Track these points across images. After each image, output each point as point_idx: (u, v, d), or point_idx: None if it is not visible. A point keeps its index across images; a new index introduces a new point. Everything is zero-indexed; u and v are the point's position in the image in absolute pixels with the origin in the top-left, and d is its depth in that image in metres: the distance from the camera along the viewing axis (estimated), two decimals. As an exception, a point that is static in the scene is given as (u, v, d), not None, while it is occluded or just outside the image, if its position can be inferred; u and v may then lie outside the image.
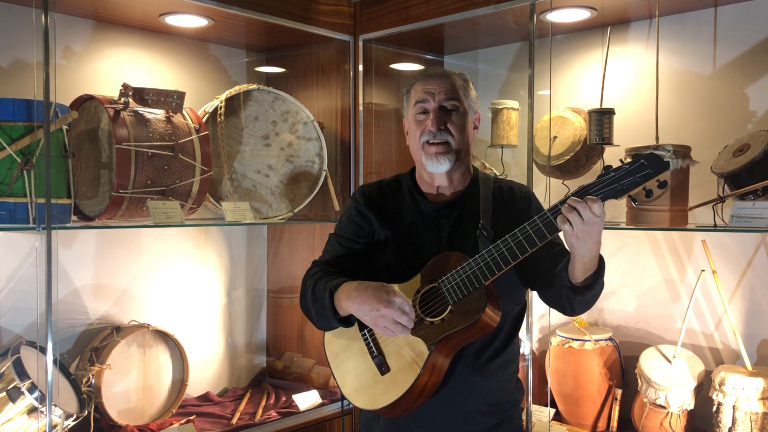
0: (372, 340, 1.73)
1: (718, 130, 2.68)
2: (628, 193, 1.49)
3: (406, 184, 1.90)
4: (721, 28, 2.69)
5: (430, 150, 1.77)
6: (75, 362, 2.78)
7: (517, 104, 3.06)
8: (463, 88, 1.82)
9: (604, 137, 2.63)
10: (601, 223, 1.48)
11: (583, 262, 1.55)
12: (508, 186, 1.88)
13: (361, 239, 1.86)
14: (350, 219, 1.89)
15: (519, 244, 1.57)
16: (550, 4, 2.62)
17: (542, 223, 1.54)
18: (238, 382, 3.47)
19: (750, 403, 2.36)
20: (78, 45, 2.85)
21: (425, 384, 1.65)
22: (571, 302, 1.65)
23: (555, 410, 2.87)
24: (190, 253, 3.28)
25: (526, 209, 1.83)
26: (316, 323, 1.81)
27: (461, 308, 1.63)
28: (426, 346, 1.63)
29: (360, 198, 1.90)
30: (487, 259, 1.60)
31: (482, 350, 1.75)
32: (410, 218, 1.83)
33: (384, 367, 1.69)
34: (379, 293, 1.59)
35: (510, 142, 3.06)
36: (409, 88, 1.87)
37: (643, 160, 1.47)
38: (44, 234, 2.16)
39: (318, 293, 1.74)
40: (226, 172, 2.96)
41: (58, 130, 2.29)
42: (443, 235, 1.79)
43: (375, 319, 1.59)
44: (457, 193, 1.85)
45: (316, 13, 3.05)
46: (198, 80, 3.26)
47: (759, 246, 2.62)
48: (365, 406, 1.72)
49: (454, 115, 1.79)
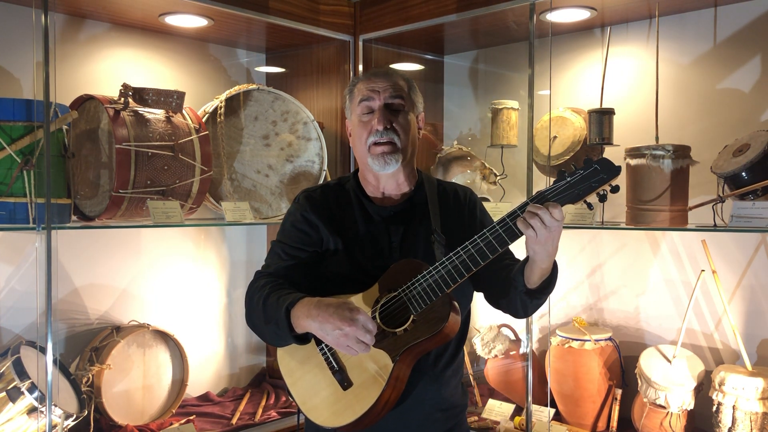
0: (331, 354, 1.66)
1: (718, 130, 2.68)
2: (583, 198, 1.51)
3: (350, 187, 1.84)
4: (721, 28, 2.69)
5: (377, 150, 1.72)
6: (75, 362, 2.78)
7: (517, 104, 3.07)
8: (407, 87, 1.80)
9: (604, 137, 2.63)
10: (560, 228, 1.50)
11: (542, 268, 1.57)
12: (452, 188, 1.86)
13: (309, 247, 1.76)
14: (295, 226, 1.79)
15: (480, 251, 1.56)
16: (550, 4, 2.62)
17: (502, 229, 1.54)
18: (238, 382, 3.47)
19: (750, 403, 2.36)
20: (78, 45, 2.85)
21: (389, 397, 1.60)
22: (526, 306, 1.66)
23: (555, 410, 2.87)
24: (190, 253, 3.28)
25: (472, 213, 1.82)
26: (268, 340, 1.74)
27: (425, 317, 1.59)
28: (390, 358, 1.59)
29: (305, 203, 1.80)
30: (449, 266, 1.58)
31: (438, 358, 1.73)
32: (359, 224, 1.77)
33: (346, 383, 1.63)
34: (342, 312, 1.52)
35: (510, 142, 3.06)
36: (352, 87, 1.82)
37: (596, 165, 1.49)
38: (44, 234, 2.16)
39: (270, 310, 1.64)
40: (226, 172, 2.96)
41: (58, 130, 2.29)
42: (394, 240, 1.74)
43: (338, 338, 1.52)
44: (404, 196, 1.81)
45: (316, 13, 3.05)
46: (198, 80, 3.26)
47: (759, 246, 2.62)
48: (327, 423, 1.64)
49: (400, 115, 1.75)
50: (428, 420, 1.74)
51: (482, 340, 3.05)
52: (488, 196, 3.09)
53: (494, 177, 3.08)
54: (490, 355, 3.03)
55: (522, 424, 2.79)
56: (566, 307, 3.15)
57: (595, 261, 3.06)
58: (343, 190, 1.85)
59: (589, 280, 3.08)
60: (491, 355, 3.03)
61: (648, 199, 2.47)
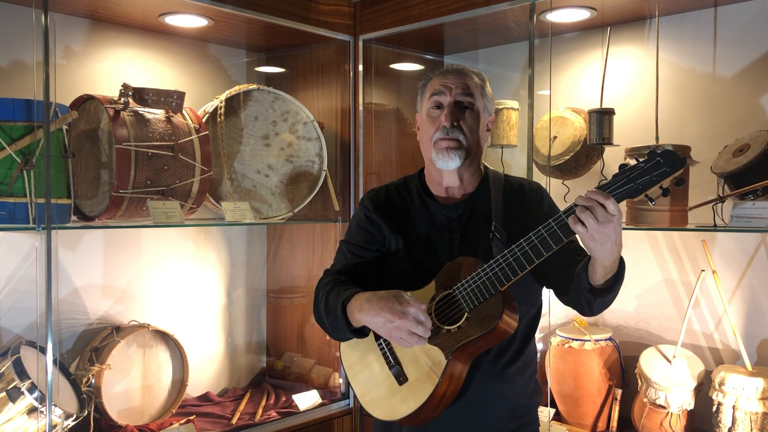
0: (388, 349, 1.70)
1: (718, 130, 2.68)
2: (644, 192, 1.43)
3: (414, 186, 1.86)
4: (721, 28, 2.69)
5: (441, 144, 1.72)
6: (75, 362, 2.78)
7: (517, 104, 3.06)
8: (479, 87, 1.79)
9: (604, 137, 2.63)
10: (617, 223, 1.42)
11: (604, 266, 1.50)
12: (518, 183, 1.84)
13: (372, 246, 1.81)
14: (360, 226, 1.84)
15: (534, 248, 1.52)
16: (550, 4, 2.62)
17: (557, 225, 1.49)
18: (238, 382, 3.47)
19: (750, 403, 2.36)
20: (78, 45, 2.85)
21: (444, 393, 1.61)
22: (591, 304, 1.61)
23: (555, 410, 2.87)
24: (190, 253, 3.28)
25: (538, 206, 1.79)
26: (331, 334, 1.77)
27: (478, 315, 1.59)
28: (443, 355, 1.59)
29: (369, 204, 1.85)
30: (503, 264, 1.56)
31: (500, 356, 1.71)
32: (421, 222, 1.79)
33: (401, 377, 1.66)
34: (392, 304, 1.54)
35: (510, 142, 3.06)
36: (426, 82, 1.83)
37: (659, 158, 1.41)
38: (44, 234, 2.16)
39: (331, 305, 1.70)
40: (226, 172, 2.96)
41: (58, 130, 2.29)
42: (455, 238, 1.75)
43: (390, 330, 1.55)
44: (467, 194, 1.81)
45: (316, 13, 3.05)
46: (198, 80, 3.26)
47: (759, 246, 2.62)
48: (384, 416, 1.68)
49: (468, 113, 1.75)
50: (493, 417, 1.72)
51: (482, 340, 3.04)
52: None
53: (494, 177, 3.08)
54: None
55: (522, 424, 2.79)
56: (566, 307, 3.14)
57: (595, 261, 3.05)
58: (407, 189, 1.87)
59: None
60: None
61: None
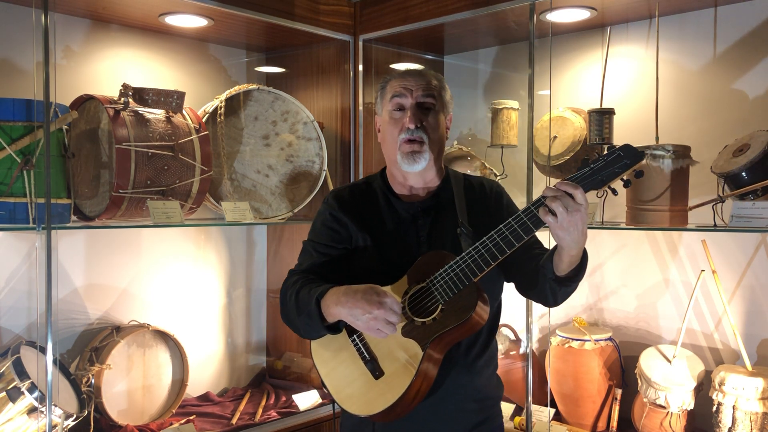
0: (363, 345, 1.71)
1: (718, 130, 2.68)
2: (607, 183, 1.53)
3: (377, 185, 1.89)
4: (721, 28, 2.69)
5: (406, 148, 1.76)
6: (75, 362, 2.78)
7: (517, 104, 3.06)
8: (439, 88, 1.83)
9: (604, 137, 2.63)
10: (584, 212, 1.50)
11: (570, 255, 1.57)
12: (478, 182, 1.90)
13: (339, 245, 1.83)
14: (325, 224, 1.86)
15: (505, 239, 1.59)
16: (550, 4, 2.62)
17: (527, 216, 1.57)
18: (238, 382, 3.47)
19: (750, 403, 2.36)
20: (78, 45, 2.85)
21: (420, 385, 1.64)
22: (555, 294, 1.68)
23: (555, 410, 2.87)
24: (190, 253, 3.28)
25: (498, 204, 1.86)
26: (302, 333, 1.78)
27: (452, 306, 1.64)
28: (420, 347, 1.63)
29: (334, 202, 1.87)
30: (475, 255, 1.61)
31: (470, 348, 1.77)
32: (387, 220, 1.82)
33: (377, 372, 1.68)
34: (369, 296, 1.58)
35: (510, 142, 3.06)
36: (385, 84, 1.85)
37: (620, 152, 1.51)
38: (44, 234, 2.16)
39: (302, 302, 1.71)
40: (226, 172, 2.96)
41: (58, 130, 2.29)
42: (422, 235, 1.79)
43: (368, 321, 1.58)
44: (430, 191, 1.85)
45: (316, 13, 3.05)
46: (198, 80, 3.26)
47: (759, 246, 2.62)
48: (360, 412, 1.69)
49: (430, 114, 1.79)
50: (462, 410, 1.77)
51: (482, 340, 3.05)
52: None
53: (494, 177, 3.08)
54: (490, 355, 3.03)
55: (522, 424, 2.79)
56: (566, 307, 3.15)
57: (595, 261, 3.06)
58: (370, 188, 1.90)
59: (589, 280, 3.08)
60: (491, 355, 3.03)
61: (648, 199, 2.47)
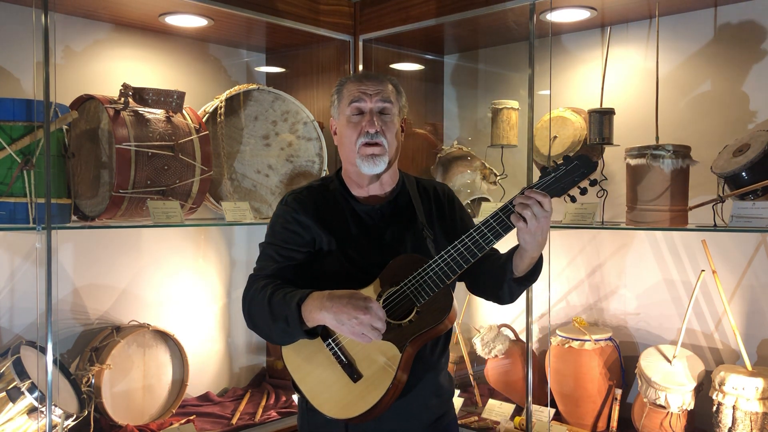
0: (339, 348, 1.71)
1: (718, 130, 2.68)
2: (567, 191, 1.64)
3: (335, 187, 1.88)
4: (721, 28, 2.69)
5: (366, 151, 1.78)
6: (75, 362, 2.78)
7: (517, 104, 3.06)
8: (395, 92, 1.85)
9: (604, 137, 2.64)
10: (549, 219, 1.61)
11: (532, 257, 1.68)
12: (431, 185, 1.95)
13: (302, 248, 1.79)
14: (286, 227, 1.81)
15: (476, 243, 1.66)
16: (550, 4, 2.62)
17: (495, 222, 1.65)
18: (238, 382, 3.47)
19: (750, 403, 2.36)
20: (78, 45, 2.85)
21: (398, 386, 1.68)
22: (513, 292, 1.78)
23: (555, 410, 2.87)
24: (190, 253, 3.28)
25: (451, 207, 1.92)
26: (275, 339, 1.75)
27: (428, 309, 1.68)
28: (397, 349, 1.66)
29: (295, 204, 1.83)
30: (448, 259, 1.67)
31: (434, 346, 1.83)
32: (350, 223, 1.82)
33: (356, 375, 1.69)
34: (355, 301, 1.59)
35: (510, 142, 3.06)
36: (341, 88, 1.86)
37: (576, 162, 1.62)
38: (44, 234, 2.16)
39: (277, 308, 1.67)
40: (226, 172, 2.96)
41: (58, 130, 2.29)
42: (386, 237, 1.81)
43: (353, 327, 1.58)
44: (388, 194, 1.87)
45: (316, 13, 3.05)
46: (198, 80, 3.26)
47: (759, 246, 2.62)
48: (339, 415, 1.69)
49: (387, 118, 1.81)
50: (425, 406, 1.82)
51: (482, 341, 3.05)
52: (488, 196, 3.09)
53: (494, 177, 3.08)
54: (490, 355, 3.03)
55: (522, 424, 2.79)
56: (566, 307, 3.15)
57: (595, 261, 3.06)
58: (327, 190, 1.88)
59: (589, 280, 3.08)
60: (491, 355, 3.03)
61: (648, 199, 2.47)
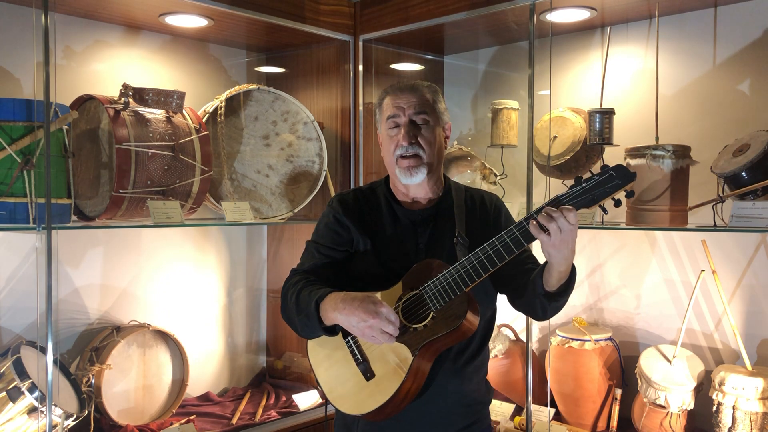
0: (356, 347, 1.77)
1: (718, 130, 2.68)
2: (598, 203, 1.56)
3: (381, 192, 1.94)
4: (721, 28, 2.69)
5: (403, 164, 1.82)
6: (75, 362, 2.78)
7: (517, 104, 3.06)
8: (431, 101, 1.87)
9: (604, 137, 2.63)
10: (575, 232, 1.55)
11: (559, 271, 1.62)
12: (479, 195, 1.96)
13: (341, 247, 1.88)
14: (328, 227, 1.90)
15: (497, 252, 1.63)
16: (550, 4, 2.62)
17: (519, 231, 1.61)
18: (238, 382, 3.47)
19: (750, 403, 2.36)
20: (78, 45, 2.85)
21: (409, 388, 1.70)
22: (545, 308, 1.74)
23: (555, 410, 2.87)
24: (190, 253, 3.28)
25: (497, 218, 1.91)
26: (300, 332, 1.83)
27: (443, 314, 1.68)
28: (410, 352, 1.68)
29: (337, 206, 1.92)
30: (467, 266, 1.66)
31: (460, 354, 1.82)
32: (388, 226, 1.88)
33: (369, 373, 1.73)
34: (366, 305, 1.63)
35: (510, 142, 3.06)
36: (381, 102, 1.91)
37: (612, 172, 1.55)
38: (44, 234, 2.16)
39: (302, 303, 1.76)
40: (226, 172, 2.96)
41: (58, 130, 2.29)
42: (421, 242, 1.84)
43: (363, 329, 1.63)
44: (432, 201, 1.90)
45: (316, 13, 3.05)
46: (198, 80, 3.26)
47: (759, 246, 2.62)
48: (351, 411, 1.75)
49: (424, 129, 1.84)
50: (450, 413, 1.82)
51: (482, 340, 3.05)
52: (488, 196, 3.09)
53: (494, 177, 3.08)
54: (490, 355, 3.03)
55: (522, 424, 2.79)
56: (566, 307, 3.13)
57: (595, 261, 3.06)
58: (374, 194, 1.95)
59: (589, 280, 3.08)
60: (491, 355, 3.03)
61: (648, 199, 2.47)
